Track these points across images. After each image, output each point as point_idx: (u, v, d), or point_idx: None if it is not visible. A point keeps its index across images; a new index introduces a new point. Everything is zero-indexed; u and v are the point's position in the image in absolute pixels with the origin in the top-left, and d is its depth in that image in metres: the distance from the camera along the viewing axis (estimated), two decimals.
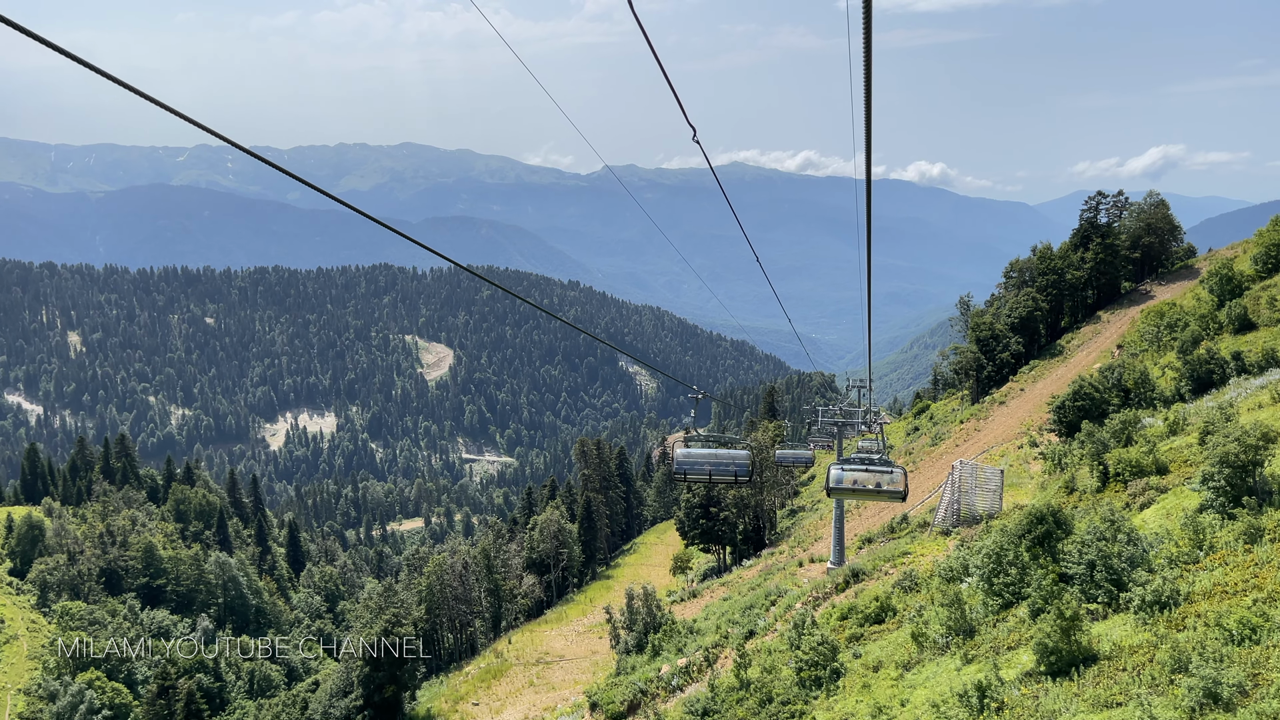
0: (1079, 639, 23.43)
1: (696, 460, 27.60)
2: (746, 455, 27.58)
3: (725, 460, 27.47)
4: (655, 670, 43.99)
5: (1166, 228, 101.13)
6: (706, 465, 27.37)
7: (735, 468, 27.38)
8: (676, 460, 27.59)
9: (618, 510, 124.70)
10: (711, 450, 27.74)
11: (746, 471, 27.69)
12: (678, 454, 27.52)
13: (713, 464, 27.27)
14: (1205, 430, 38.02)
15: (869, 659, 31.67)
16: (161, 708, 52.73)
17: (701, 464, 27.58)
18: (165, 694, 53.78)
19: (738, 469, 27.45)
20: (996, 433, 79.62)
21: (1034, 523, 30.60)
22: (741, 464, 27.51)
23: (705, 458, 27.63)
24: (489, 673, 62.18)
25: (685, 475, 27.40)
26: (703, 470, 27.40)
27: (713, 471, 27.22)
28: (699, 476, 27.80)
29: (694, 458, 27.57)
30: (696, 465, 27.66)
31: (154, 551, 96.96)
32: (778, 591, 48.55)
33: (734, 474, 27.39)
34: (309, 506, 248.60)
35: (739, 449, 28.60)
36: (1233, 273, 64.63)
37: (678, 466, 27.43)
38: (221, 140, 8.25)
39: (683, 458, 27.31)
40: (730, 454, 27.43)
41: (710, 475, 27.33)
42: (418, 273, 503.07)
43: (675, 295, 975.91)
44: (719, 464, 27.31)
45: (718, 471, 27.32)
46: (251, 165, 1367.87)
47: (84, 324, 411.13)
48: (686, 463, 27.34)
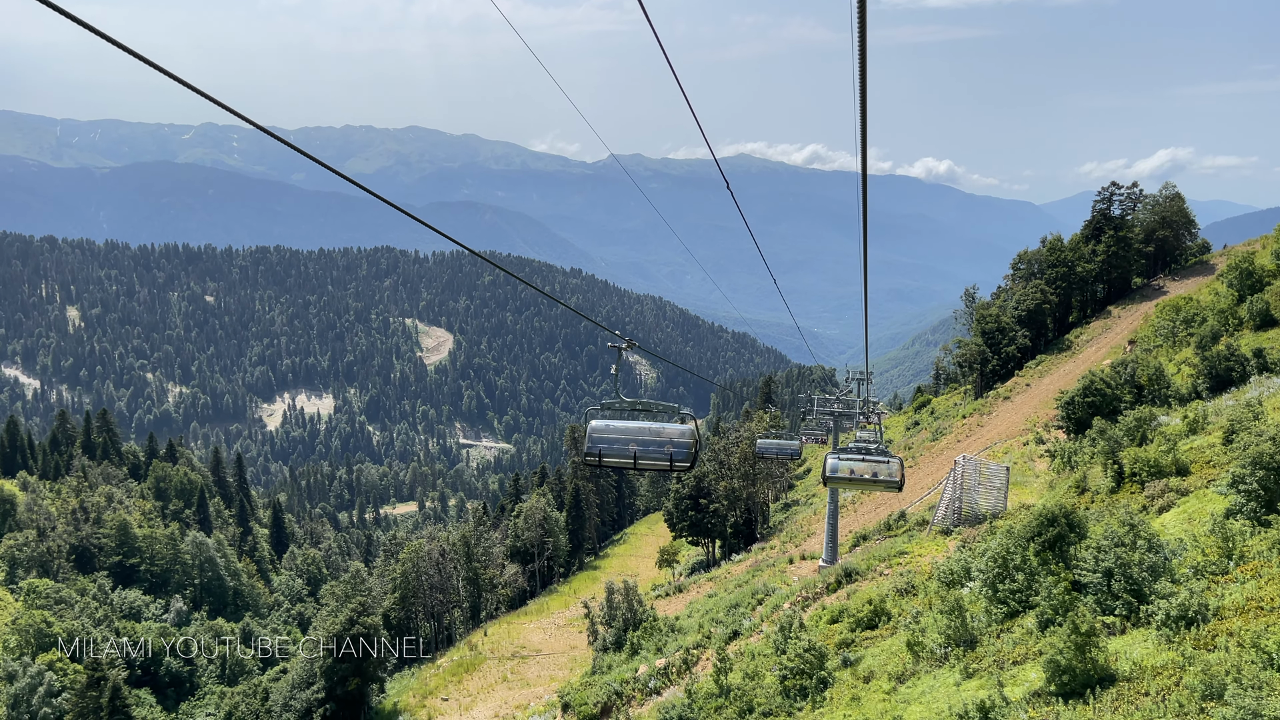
0: (1095, 656, 20.80)
1: (617, 436, 19.48)
2: (687, 433, 19.12)
3: (656, 438, 19.28)
4: (632, 670, 41.38)
5: (1182, 221, 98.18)
6: (630, 444, 19.33)
7: (671, 449, 19.01)
8: (590, 435, 19.50)
9: (609, 499, 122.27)
10: (639, 424, 19.48)
11: (686, 455, 19.14)
12: (592, 426, 19.59)
13: (639, 443, 19.30)
14: (1230, 429, 35.31)
15: (860, 668, 29.21)
16: (92, 700, 50.11)
17: (622, 442, 19.45)
18: (97, 685, 51.10)
19: (674, 451, 19.03)
20: (1000, 429, 77.01)
21: (1044, 525, 27.86)
22: (680, 444, 19.08)
23: (629, 434, 19.45)
24: (461, 666, 59.59)
25: (600, 456, 19.38)
26: (623, 450, 19.31)
27: (639, 453, 19.18)
28: (619, 459, 19.47)
29: (614, 433, 19.48)
30: (616, 443, 19.49)
31: (128, 530, 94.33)
32: (765, 590, 45.90)
33: (668, 457, 19.00)
34: (302, 488, 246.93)
35: (677, 423, 19.85)
36: (1253, 267, 61.81)
37: (591, 444, 19.36)
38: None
39: (599, 432, 19.52)
40: (663, 429, 19.28)
41: (635, 458, 19.28)
42: (419, 256, 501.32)
43: (678, 286, 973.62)
44: (648, 443, 19.28)
45: (646, 453, 19.24)
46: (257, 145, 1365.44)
47: (83, 299, 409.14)
48: (603, 439, 19.47)
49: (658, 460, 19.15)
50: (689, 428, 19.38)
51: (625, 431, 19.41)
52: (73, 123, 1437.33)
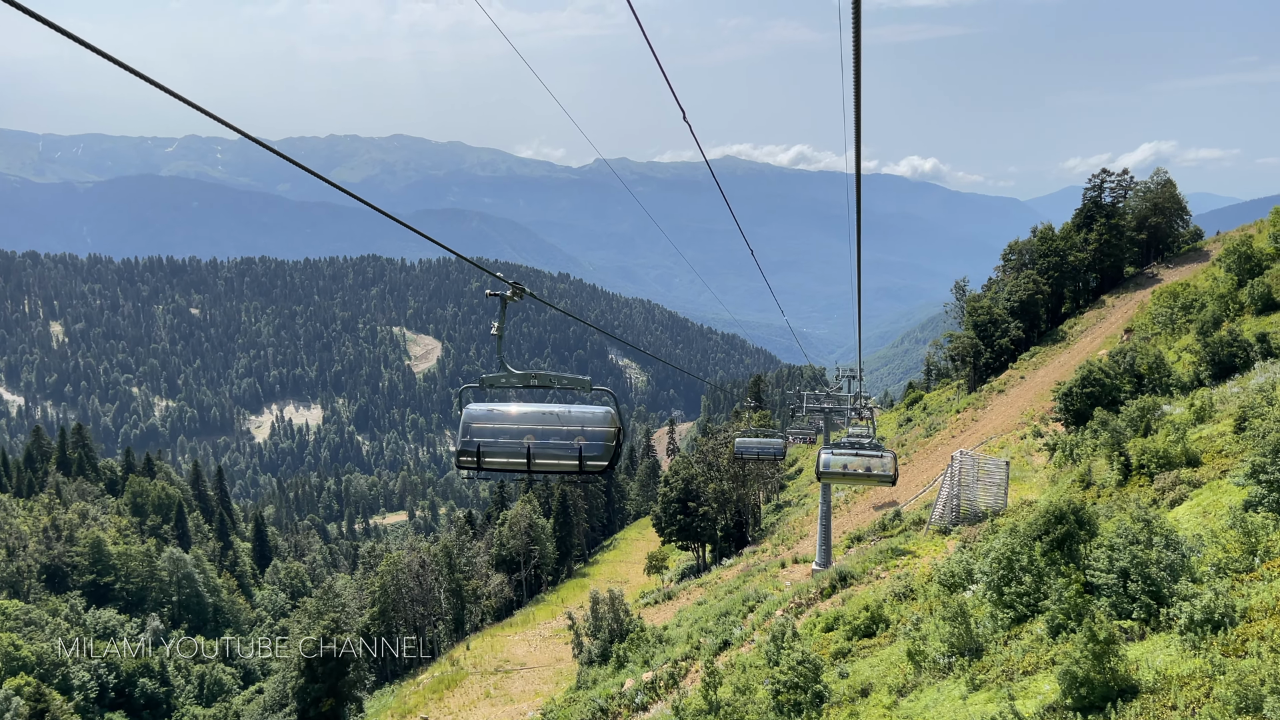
0: (1114, 666, 18.85)
1: (504, 426, 13.14)
2: (603, 418, 13.04)
3: (560, 427, 13.05)
4: (618, 685, 39.29)
5: (1174, 208, 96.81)
6: (525, 436, 13.00)
7: (583, 442, 12.89)
8: (465, 426, 13.25)
9: (598, 504, 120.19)
10: (535, 407, 13.31)
11: (603, 450, 12.97)
12: (469, 413, 13.38)
13: (538, 434, 12.97)
14: (1242, 417, 33.54)
15: (857, 680, 27.32)
16: None
17: (512, 434, 13.12)
18: (40, 716, 48.76)
19: (586, 445, 12.89)
20: (996, 423, 75.29)
21: (1052, 522, 25.98)
22: (595, 435, 12.95)
23: (522, 421, 13.16)
24: (442, 682, 57.29)
25: (480, 457, 12.92)
26: (513, 447, 12.98)
27: (536, 449, 12.85)
28: (508, 459, 13.02)
29: (499, 421, 13.20)
30: (503, 436, 13.09)
31: (102, 547, 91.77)
32: (757, 596, 43.89)
33: (576, 453, 12.84)
34: (291, 499, 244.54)
35: (591, 406, 13.65)
36: (1252, 251, 60.30)
37: (465, 439, 13.03)
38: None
39: (478, 420, 13.28)
40: (570, 414, 13.20)
41: (530, 457, 12.88)
42: (406, 264, 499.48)
43: (666, 289, 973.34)
44: (549, 434, 12.97)
45: (547, 448, 12.92)
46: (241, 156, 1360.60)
47: (67, 314, 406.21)
48: (484, 430, 13.19)
49: (562, 458, 12.57)
50: (607, 411, 12.78)
51: (516, 419, 12.90)
52: (55, 138, 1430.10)
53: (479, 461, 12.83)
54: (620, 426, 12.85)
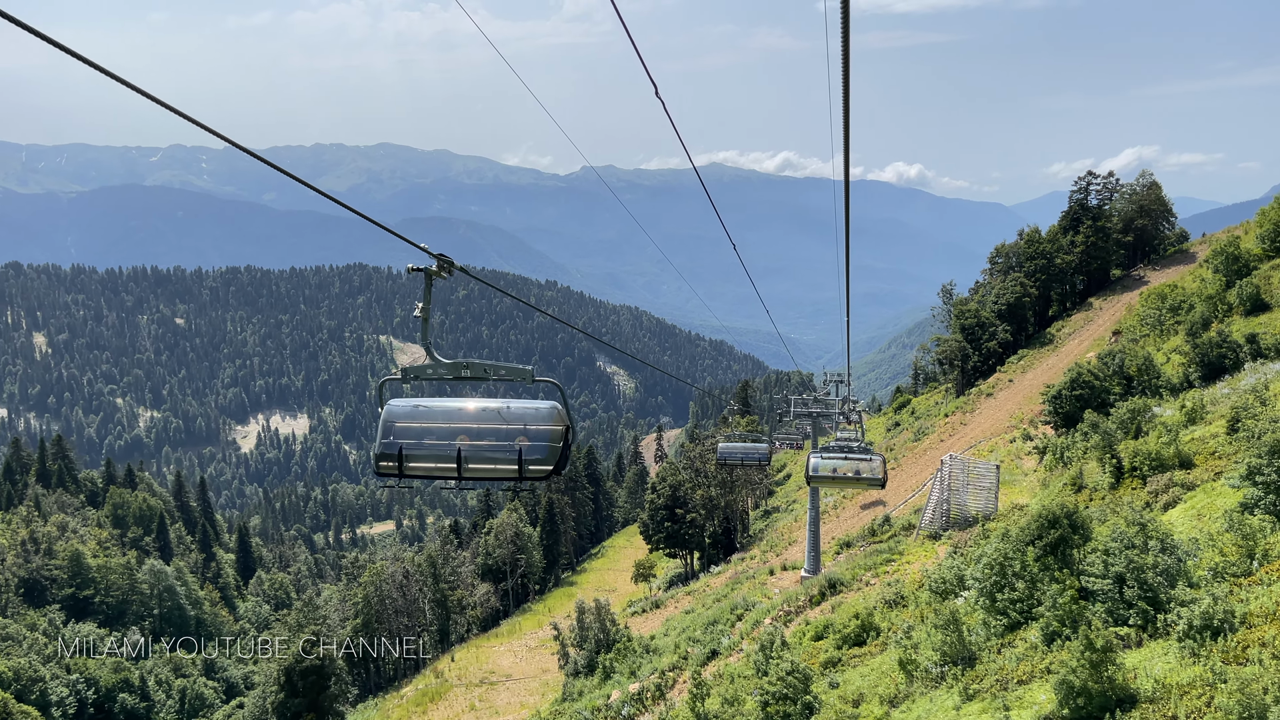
0: (1112, 675, 18.25)
1: (431, 425, 11.01)
2: (547, 416, 10.72)
3: (498, 426, 10.83)
4: (604, 697, 38.54)
5: (1160, 210, 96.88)
6: (457, 436, 10.78)
7: (525, 443, 10.60)
8: (385, 425, 11.09)
9: (585, 512, 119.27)
10: (468, 403, 11.15)
11: (547, 453, 10.61)
12: (391, 410, 11.23)
13: (472, 434, 10.76)
14: (1235, 418, 33.08)
15: (847, 690, 26.73)
16: None
17: (441, 433, 10.92)
18: None
19: (528, 447, 10.59)
20: (984, 426, 74.88)
21: (1045, 526, 25.42)
22: (538, 436, 10.66)
23: (452, 419, 11.06)
24: (426, 695, 56.37)
25: (402, 461, 10.71)
26: (442, 450, 10.72)
27: (469, 452, 10.56)
28: (435, 464, 10.78)
29: (425, 419, 11.07)
30: (429, 436, 10.90)
31: (81, 560, 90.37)
32: (745, 604, 43.19)
33: (516, 457, 10.50)
34: (277, 510, 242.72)
35: (534, 401, 11.25)
36: (1239, 251, 60.06)
37: (386, 440, 10.87)
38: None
39: (402, 419, 11.11)
40: (509, 412, 10.90)
41: (462, 461, 10.58)
42: (392, 273, 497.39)
43: (654, 296, 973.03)
44: (484, 433, 10.77)
45: (481, 452, 10.63)
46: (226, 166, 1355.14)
47: (50, 325, 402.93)
48: (408, 430, 10.97)
49: (499, 462, 10.46)
50: (552, 407, 10.71)
51: (446, 416, 10.86)
52: (38, 148, 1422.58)
53: (401, 466, 10.73)
54: (569, 424, 10.82)
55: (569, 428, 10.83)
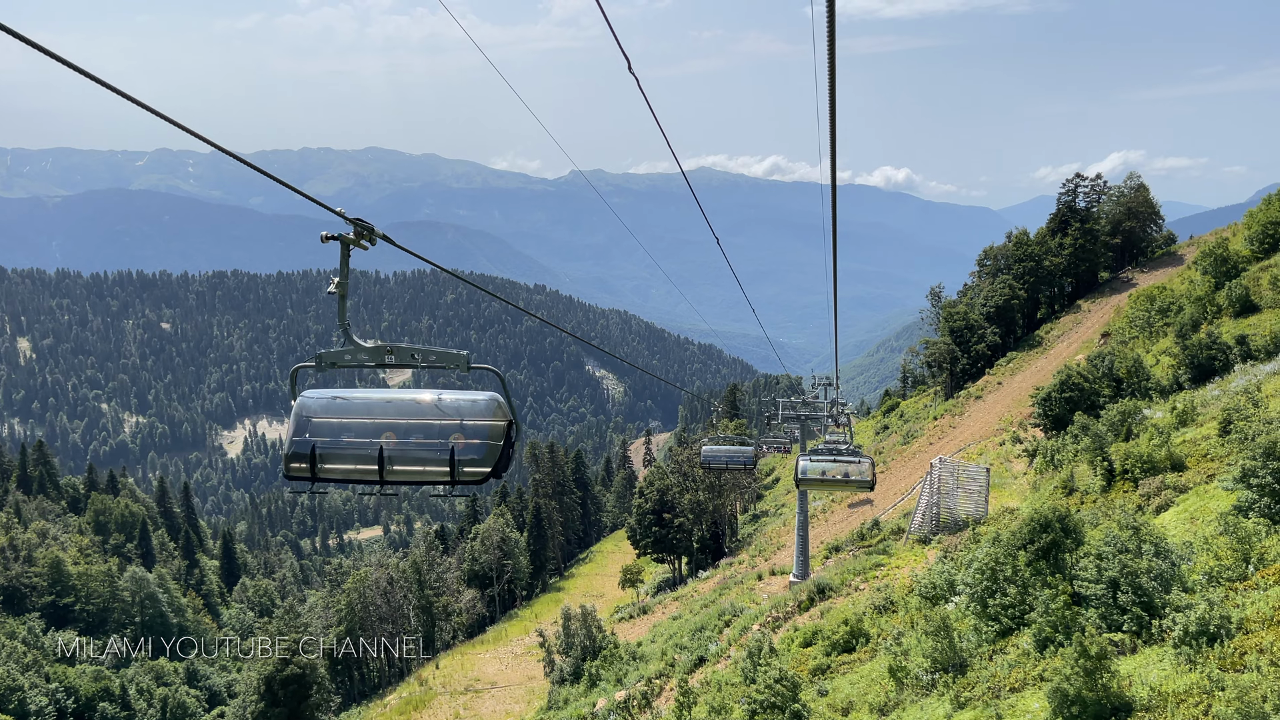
0: (1107, 683, 17.78)
1: (351, 421, 9.47)
2: (485, 409, 9.25)
3: (428, 422, 9.28)
4: (590, 705, 37.92)
5: (1147, 212, 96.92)
6: (383, 434, 9.22)
7: (462, 441, 9.12)
8: (298, 420, 9.56)
9: (573, 517, 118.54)
10: (399, 397, 9.57)
11: (484, 453, 9.09)
12: (304, 402, 9.71)
13: (399, 430, 9.26)
14: (1226, 420, 32.75)
15: (836, 698, 26.25)
16: None
17: (362, 430, 9.38)
18: None
19: (462, 447, 9.11)
20: (974, 429, 74.56)
21: (1037, 530, 24.95)
22: (475, 433, 9.14)
23: (375, 414, 9.49)
24: (410, 703, 55.58)
25: (315, 462, 9.24)
26: (363, 449, 9.21)
27: (393, 452, 9.11)
28: (354, 466, 9.29)
29: (343, 414, 9.55)
30: (347, 434, 9.36)
31: (62, 567, 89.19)
32: (733, 610, 42.64)
33: (447, 458, 9.02)
34: (263, 515, 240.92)
35: (471, 392, 9.58)
36: (1228, 253, 59.93)
37: (299, 438, 9.40)
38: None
39: (318, 413, 9.59)
40: (441, 405, 9.36)
41: (384, 461, 9.08)
42: (380, 276, 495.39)
43: (643, 300, 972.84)
44: (411, 430, 9.26)
45: (407, 451, 9.14)
46: (213, 170, 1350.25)
47: (34, 330, 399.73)
48: (325, 426, 9.49)
49: (429, 464, 9.01)
50: (492, 399, 9.32)
51: (368, 410, 9.42)
52: (23, 152, 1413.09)
53: (314, 469, 9.15)
54: (513, 419, 9.29)
55: (512, 423, 9.34)
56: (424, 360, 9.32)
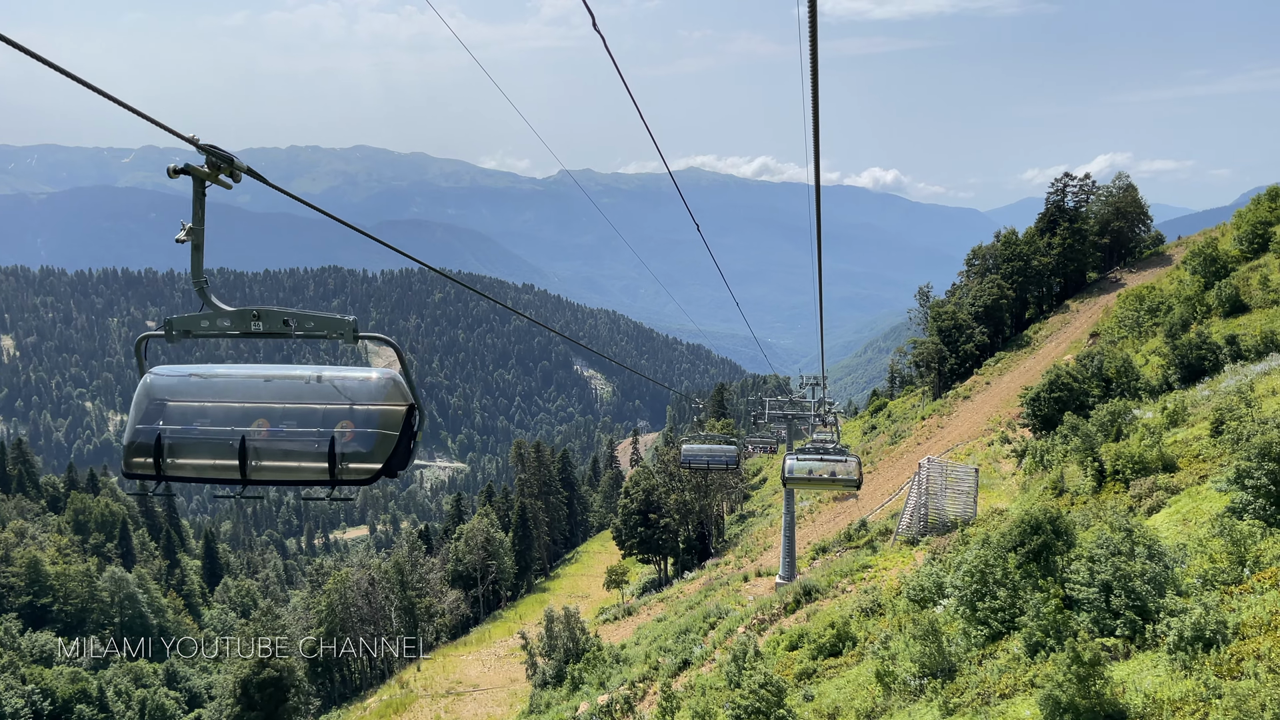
0: (1100, 689, 17.25)
1: (205, 404, 7.51)
2: (377, 390, 7.50)
3: (304, 406, 7.36)
4: (572, 709, 37.22)
5: (1136, 212, 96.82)
6: (251, 421, 7.25)
7: (351, 429, 7.24)
8: (140, 405, 7.62)
9: (559, 517, 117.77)
10: (273, 375, 7.68)
11: (375, 445, 7.21)
12: (151, 381, 7.80)
13: (273, 419, 7.28)
14: (1219, 420, 32.29)
15: (823, 703, 25.67)
16: None
17: (219, 415, 7.39)
18: None
19: (346, 435, 7.21)
20: (962, 430, 74.14)
21: (1027, 532, 24.44)
22: (367, 422, 7.30)
23: (247, 396, 7.50)
24: (390, 706, 54.76)
25: (159, 455, 7.26)
26: (224, 440, 7.21)
27: (260, 444, 7.21)
28: (207, 460, 7.28)
29: (197, 395, 7.61)
30: (200, 420, 7.38)
31: (39, 567, 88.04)
32: (718, 612, 41.99)
33: (325, 450, 7.14)
34: (249, 515, 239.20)
35: (362, 369, 7.80)
36: (1217, 253, 59.67)
37: (140, 425, 7.44)
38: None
39: (166, 393, 7.68)
40: (321, 382, 7.50)
41: (247, 455, 7.13)
42: (368, 275, 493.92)
43: (632, 300, 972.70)
44: (286, 420, 7.30)
45: (276, 444, 7.21)
46: None
47: (18, 327, 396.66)
48: (179, 409, 7.53)
49: (305, 458, 7.28)
50: (386, 378, 7.73)
51: (229, 390, 7.71)
52: (8, 148, 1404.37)
53: (159, 465, 7.27)
54: (415, 403, 7.50)
55: (413, 407, 7.48)
56: (300, 328, 7.37)
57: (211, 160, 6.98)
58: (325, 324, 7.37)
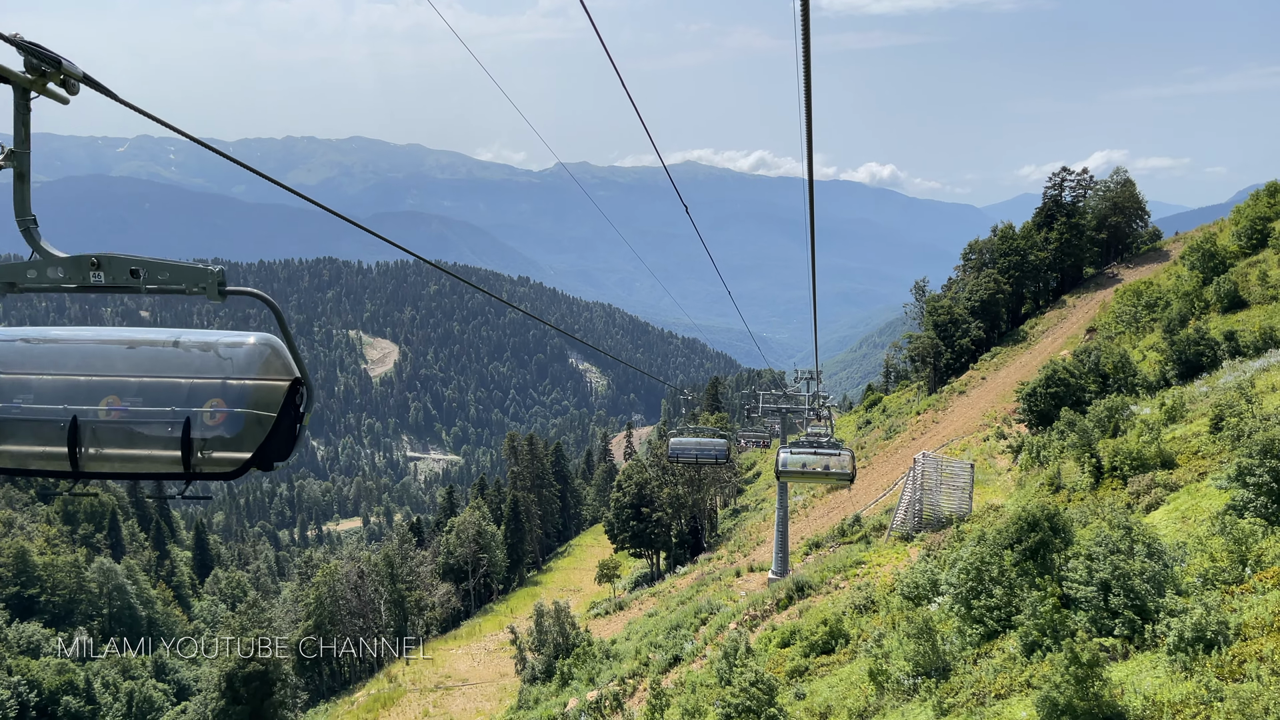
0: (1098, 691, 16.76)
1: (44, 379, 5.61)
2: (249, 358, 5.75)
3: (164, 385, 5.55)
4: (561, 705, 36.75)
5: (1134, 207, 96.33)
6: (70, 398, 5.51)
7: (218, 411, 5.53)
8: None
9: (552, 510, 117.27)
10: (120, 338, 5.84)
11: (243, 427, 5.53)
12: None
13: (126, 394, 5.49)
14: (1218, 416, 31.84)
15: (814, 701, 25.24)
16: None
17: (59, 395, 5.53)
18: None
19: (205, 423, 5.50)
20: (957, 425, 73.72)
21: (1024, 529, 23.98)
22: (238, 399, 5.61)
23: (87, 367, 5.64)
24: (378, 700, 54.25)
25: None
26: (54, 421, 5.46)
27: (101, 428, 5.46)
28: (33, 446, 5.52)
29: (42, 365, 5.69)
30: (26, 398, 5.55)
31: (27, 557, 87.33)
32: (710, 607, 41.53)
33: (179, 436, 5.41)
34: (241, 506, 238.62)
35: (232, 334, 5.87)
36: (1216, 248, 59.25)
37: None
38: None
39: None
40: (179, 347, 5.72)
41: (77, 441, 5.45)
42: (363, 267, 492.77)
43: (628, 293, 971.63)
44: (137, 396, 5.50)
45: (124, 427, 5.51)
46: (195, 158, 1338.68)
47: (10, 319, 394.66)
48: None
49: (155, 445, 5.56)
50: (262, 344, 5.92)
51: (64, 358, 5.87)
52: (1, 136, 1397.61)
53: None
54: (301, 376, 5.95)
55: (298, 382, 5.90)
56: (151, 280, 5.54)
57: (33, 63, 5.23)
58: (183, 274, 5.49)
